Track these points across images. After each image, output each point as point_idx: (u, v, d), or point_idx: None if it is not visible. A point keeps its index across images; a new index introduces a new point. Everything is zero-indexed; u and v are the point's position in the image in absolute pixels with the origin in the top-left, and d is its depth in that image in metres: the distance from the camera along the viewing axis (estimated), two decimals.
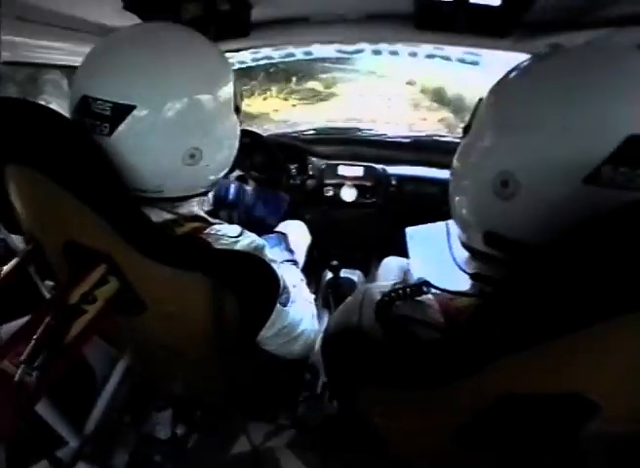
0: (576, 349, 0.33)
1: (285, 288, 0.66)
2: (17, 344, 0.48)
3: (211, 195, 1.02)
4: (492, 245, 0.46)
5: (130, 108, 0.52)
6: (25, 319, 0.53)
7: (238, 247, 0.59)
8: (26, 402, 0.48)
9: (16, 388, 0.46)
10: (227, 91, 0.60)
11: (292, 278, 0.76)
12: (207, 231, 0.60)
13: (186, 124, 0.55)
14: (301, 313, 0.72)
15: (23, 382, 0.46)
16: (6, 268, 0.60)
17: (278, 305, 0.64)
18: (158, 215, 0.61)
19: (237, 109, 0.63)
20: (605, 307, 0.30)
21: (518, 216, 0.42)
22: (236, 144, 0.66)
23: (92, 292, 0.54)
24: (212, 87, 0.58)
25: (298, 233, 1.24)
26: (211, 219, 0.67)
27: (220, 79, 0.60)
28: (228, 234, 0.60)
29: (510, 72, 0.48)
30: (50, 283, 0.69)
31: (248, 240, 0.61)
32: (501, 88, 0.48)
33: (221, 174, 0.66)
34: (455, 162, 0.53)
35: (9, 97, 0.58)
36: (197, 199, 0.67)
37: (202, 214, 0.68)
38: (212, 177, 0.65)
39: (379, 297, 0.47)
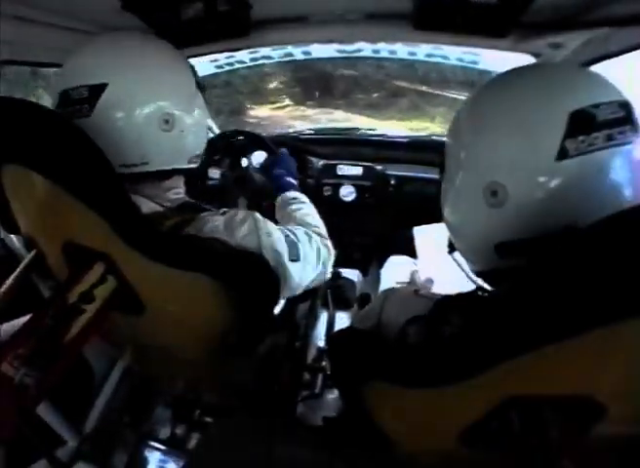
0: (583, 351, 0.33)
1: (294, 243, 0.69)
2: (16, 346, 0.48)
3: None
4: (505, 255, 0.48)
5: (103, 86, 0.59)
6: (25, 319, 0.53)
7: (226, 217, 0.62)
8: (27, 404, 0.48)
9: (16, 390, 0.46)
10: (184, 66, 0.69)
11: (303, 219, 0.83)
12: (194, 221, 0.61)
13: (155, 91, 0.63)
14: (310, 257, 0.75)
15: (23, 384, 0.46)
16: (10, 279, 0.60)
17: (290, 263, 0.67)
18: (147, 205, 0.62)
19: (199, 86, 0.72)
20: (613, 309, 0.30)
21: (517, 217, 0.45)
22: (205, 118, 0.74)
23: (91, 292, 0.54)
24: (171, 61, 0.67)
25: None
26: (199, 206, 0.70)
27: (176, 57, 0.68)
28: (215, 214, 0.63)
29: (475, 95, 0.54)
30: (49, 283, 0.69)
31: (238, 222, 0.63)
32: (463, 111, 0.54)
33: (199, 148, 0.72)
34: (444, 190, 0.57)
35: (3, 97, 0.58)
36: (180, 181, 0.72)
37: (189, 199, 0.71)
38: (190, 148, 0.70)
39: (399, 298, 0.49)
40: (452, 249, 0.59)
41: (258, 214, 0.66)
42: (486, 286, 0.53)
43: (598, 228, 0.32)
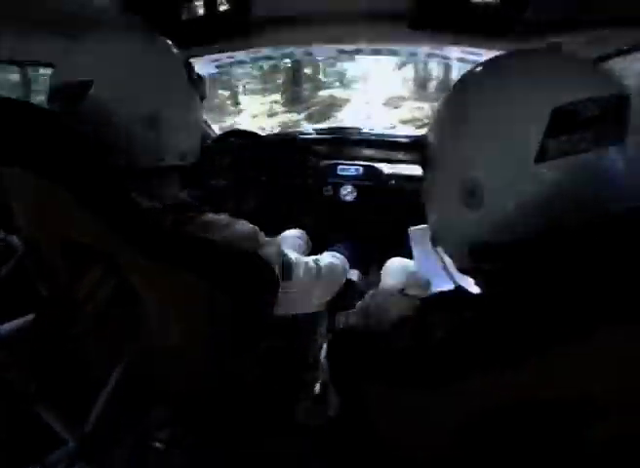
0: (582, 354, 0.32)
1: (289, 264, 0.68)
2: (16, 346, 0.48)
3: None
4: (479, 259, 0.47)
5: (90, 82, 0.60)
6: (25, 319, 0.53)
7: (228, 233, 0.60)
8: (26, 403, 0.48)
9: (15, 391, 0.46)
10: (174, 64, 0.68)
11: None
12: (194, 220, 0.60)
13: (140, 88, 0.63)
14: (308, 276, 0.75)
15: (23, 384, 0.46)
16: (4, 269, 0.60)
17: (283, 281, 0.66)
18: (143, 202, 0.60)
19: (193, 82, 0.71)
20: (611, 313, 0.30)
21: (494, 220, 0.44)
22: (197, 114, 0.73)
23: (91, 293, 0.54)
24: (159, 58, 0.67)
25: (297, 242, 1.23)
26: (198, 206, 0.67)
27: (166, 55, 0.68)
28: (217, 221, 0.61)
29: (456, 85, 0.51)
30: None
31: (239, 225, 0.62)
32: (442, 104, 0.52)
33: (191, 144, 0.71)
34: (424, 188, 0.55)
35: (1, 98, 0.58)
36: (172, 179, 0.70)
37: (187, 199, 0.69)
38: (179, 144, 0.69)
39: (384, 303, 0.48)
40: (435, 242, 0.57)
41: (261, 233, 0.65)
42: (467, 284, 0.52)
43: (590, 230, 0.32)
